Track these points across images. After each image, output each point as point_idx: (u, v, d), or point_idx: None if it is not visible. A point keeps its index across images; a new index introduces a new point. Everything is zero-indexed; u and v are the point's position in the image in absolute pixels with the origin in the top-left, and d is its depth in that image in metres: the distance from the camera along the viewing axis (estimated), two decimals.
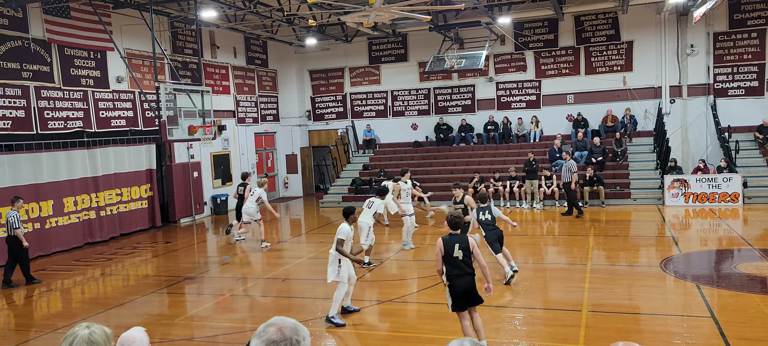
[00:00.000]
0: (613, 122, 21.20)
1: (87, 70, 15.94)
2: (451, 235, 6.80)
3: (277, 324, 2.22)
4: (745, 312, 8.09)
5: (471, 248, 6.68)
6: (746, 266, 10.63)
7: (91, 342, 2.66)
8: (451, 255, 6.66)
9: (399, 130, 24.20)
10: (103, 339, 2.72)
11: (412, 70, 23.87)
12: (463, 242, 6.68)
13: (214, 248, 15.74)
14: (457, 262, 6.65)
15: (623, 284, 9.81)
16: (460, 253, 6.64)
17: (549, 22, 21.73)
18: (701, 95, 20.66)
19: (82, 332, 2.70)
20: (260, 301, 9.96)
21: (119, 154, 16.83)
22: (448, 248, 6.68)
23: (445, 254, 6.70)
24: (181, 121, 15.03)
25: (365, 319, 8.71)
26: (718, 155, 19.23)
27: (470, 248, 6.67)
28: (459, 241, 6.69)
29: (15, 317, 9.84)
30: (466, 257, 6.67)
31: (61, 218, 14.97)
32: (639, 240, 13.64)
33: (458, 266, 6.64)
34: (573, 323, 7.97)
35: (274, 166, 25.19)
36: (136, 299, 10.33)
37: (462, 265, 6.64)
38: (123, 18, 16.73)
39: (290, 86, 25.15)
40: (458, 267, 6.64)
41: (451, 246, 6.68)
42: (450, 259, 6.67)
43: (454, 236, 6.77)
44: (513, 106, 22.81)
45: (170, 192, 18.90)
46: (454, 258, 6.65)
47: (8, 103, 13.80)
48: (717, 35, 20.29)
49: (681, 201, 17.62)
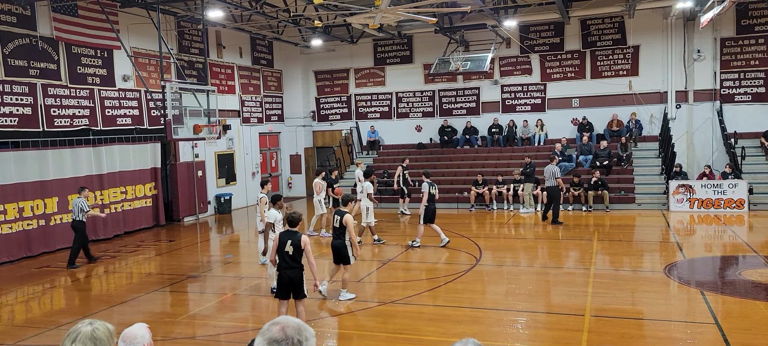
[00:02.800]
0: (618, 127, 21.15)
1: (94, 69, 16.01)
2: (288, 231, 7.55)
3: (281, 323, 2.23)
4: (750, 319, 8.06)
5: (302, 246, 7.35)
6: (751, 272, 10.58)
7: (94, 339, 2.68)
8: (283, 249, 7.39)
9: (403, 132, 24.20)
10: (105, 335, 2.73)
11: (417, 72, 23.87)
12: (295, 239, 7.38)
13: (217, 246, 15.77)
14: (286, 256, 7.37)
15: (627, 289, 9.78)
16: (291, 249, 7.35)
17: (555, 26, 21.70)
18: (707, 101, 20.59)
19: (85, 328, 2.71)
20: (263, 300, 9.97)
21: (124, 153, 16.89)
22: (282, 242, 7.44)
23: (278, 246, 7.47)
24: (187, 120, 15.09)
25: (367, 320, 8.71)
26: (723, 161, 19.16)
27: (302, 245, 7.35)
28: (291, 238, 7.40)
29: (20, 314, 9.88)
30: (296, 253, 7.36)
31: (66, 215, 15.00)
32: (643, 245, 13.59)
33: (286, 259, 7.37)
34: (576, 327, 7.95)
35: (278, 167, 25.23)
36: (139, 297, 10.36)
37: (290, 259, 7.36)
38: (130, 17, 16.80)
39: (295, 87, 25.19)
40: (286, 260, 7.38)
41: (284, 241, 7.42)
42: (282, 252, 7.41)
43: (289, 233, 7.50)
44: (518, 110, 22.79)
45: (174, 191, 18.95)
46: (285, 252, 7.37)
47: (15, 101, 13.87)
48: (724, 40, 20.22)
49: (686, 207, 17.55)
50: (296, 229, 7.57)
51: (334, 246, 9.61)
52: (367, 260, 12.94)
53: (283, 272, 7.46)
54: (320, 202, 15.26)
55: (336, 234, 9.55)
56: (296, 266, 7.42)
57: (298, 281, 7.46)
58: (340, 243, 9.44)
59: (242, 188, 22.24)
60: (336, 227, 9.57)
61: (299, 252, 7.39)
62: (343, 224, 9.36)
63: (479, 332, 7.93)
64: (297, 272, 7.43)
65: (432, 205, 13.32)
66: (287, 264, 7.40)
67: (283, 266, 7.44)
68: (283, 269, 7.45)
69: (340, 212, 9.56)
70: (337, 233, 9.50)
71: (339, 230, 9.49)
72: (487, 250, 13.06)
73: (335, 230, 9.61)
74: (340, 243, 9.44)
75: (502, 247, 13.89)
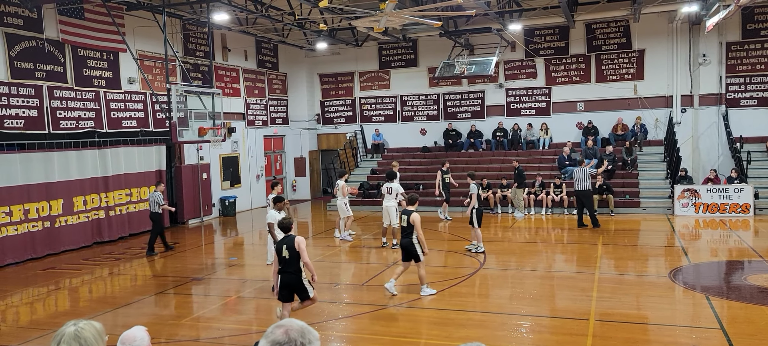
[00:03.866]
0: (623, 131, 21.10)
1: (99, 71, 16.08)
2: (284, 236, 7.77)
3: (285, 326, 2.22)
4: (755, 324, 8.01)
5: (297, 248, 7.57)
6: (757, 277, 10.53)
7: (79, 338, 2.62)
8: (281, 254, 7.67)
9: (408, 135, 24.21)
10: (92, 334, 2.66)
11: (421, 76, 23.88)
12: (290, 243, 7.61)
13: (222, 249, 15.80)
14: (284, 260, 7.64)
15: (631, 294, 9.74)
16: (287, 253, 7.61)
17: (560, 30, 21.68)
18: (713, 105, 20.52)
19: (68, 329, 2.64)
20: (267, 303, 9.97)
21: (129, 155, 16.94)
22: (279, 248, 7.72)
23: (276, 251, 7.79)
24: (192, 122, 15.13)
25: (371, 323, 8.70)
26: (729, 165, 19.08)
27: (296, 248, 7.58)
28: (287, 242, 7.65)
29: (25, 315, 9.91)
30: (292, 257, 7.58)
31: (71, 217, 15.07)
32: (648, 250, 13.55)
33: (284, 263, 7.64)
34: (580, 331, 7.92)
35: (283, 169, 25.26)
36: (143, 299, 10.38)
37: (287, 264, 7.63)
38: (136, 20, 16.87)
39: (300, 90, 25.23)
40: (284, 264, 7.65)
41: (281, 246, 7.69)
42: (280, 256, 7.69)
43: (286, 238, 7.72)
44: (522, 113, 22.77)
45: (179, 193, 18.99)
46: (283, 257, 7.64)
47: (21, 103, 13.94)
48: (730, 45, 20.16)
49: (691, 211, 17.49)
50: (291, 233, 7.78)
51: (402, 245, 9.91)
52: (373, 263, 12.94)
53: (283, 276, 7.70)
54: (346, 204, 15.26)
55: (404, 233, 9.87)
56: (293, 270, 7.63)
57: (297, 284, 7.68)
58: (408, 241, 9.70)
59: (247, 190, 22.28)
60: (404, 227, 9.85)
61: (295, 255, 7.57)
62: (410, 223, 9.66)
63: (483, 336, 7.91)
64: (294, 276, 7.64)
65: (480, 206, 13.28)
66: (285, 268, 7.64)
67: (283, 270, 7.68)
68: (282, 273, 7.69)
69: (406, 211, 9.84)
70: (405, 232, 9.80)
71: (407, 229, 9.75)
72: (491, 253, 13.03)
73: (403, 230, 9.89)
74: (408, 241, 9.70)
75: (506, 250, 13.86)
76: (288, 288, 7.70)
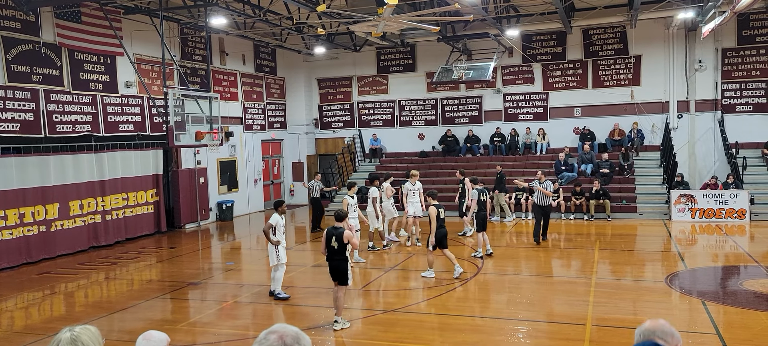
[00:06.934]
0: (620, 136, 21.15)
1: (96, 75, 16.06)
2: (333, 227, 8.73)
3: (279, 332, 2.21)
4: (751, 330, 8.02)
5: (345, 240, 8.52)
6: (752, 283, 10.55)
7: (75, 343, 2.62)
8: (329, 243, 8.59)
9: (406, 140, 24.22)
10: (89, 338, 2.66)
11: (419, 81, 23.92)
12: (339, 234, 8.55)
13: (219, 254, 15.77)
14: (332, 249, 8.56)
15: (628, 299, 9.75)
16: (336, 243, 8.53)
17: (557, 35, 21.75)
18: (709, 111, 20.60)
19: (64, 335, 2.65)
20: (263, 308, 9.95)
21: (126, 159, 16.91)
22: (328, 238, 8.63)
23: (325, 240, 8.65)
24: (189, 127, 15.12)
25: (368, 328, 8.69)
26: (725, 171, 19.15)
27: (344, 239, 8.52)
28: (336, 233, 8.57)
29: (20, 320, 9.87)
30: (340, 246, 8.52)
31: (67, 221, 15.02)
32: (644, 255, 13.56)
33: (332, 252, 8.58)
34: (577, 336, 7.92)
35: (281, 174, 25.24)
36: (139, 304, 10.34)
37: (334, 252, 8.55)
38: (133, 24, 16.86)
39: (298, 94, 25.24)
40: (331, 252, 8.59)
41: (330, 237, 8.59)
42: (328, 246, 8.61)
43: (334, 229, 8.66)
44: (520, 118, 22.81)
45: (176, 197, 18.95)
46: (331, 246, 8.56)
47: (18, 106, 13.91)
48: (725, 51, 20.24)
49: (687, 216, 17.52)
50: (340, 225, 8.81)
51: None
52: (369, 268, 12.93)
53: (330, 262, 8.63)
54: (393, 205, 15.31)
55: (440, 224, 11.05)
56: (340, 257, 8.54)
57: (343, 270, 8.54)
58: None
59: (244, 195, 22.25)
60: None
61: (343, 245, 8.49)
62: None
63: (481, 341, 7.91)
64: (341, 262, 8.54)
65: (483, 211, 13.25)
66: (332, 256, 8.57)
67: (330, 257, 8.61)
68: (330, 259, 8.62)
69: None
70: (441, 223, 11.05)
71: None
72: (488, 258, 13.03)
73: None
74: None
75: (503, 256, 13.85)
76: (335, 273, 8.58)
